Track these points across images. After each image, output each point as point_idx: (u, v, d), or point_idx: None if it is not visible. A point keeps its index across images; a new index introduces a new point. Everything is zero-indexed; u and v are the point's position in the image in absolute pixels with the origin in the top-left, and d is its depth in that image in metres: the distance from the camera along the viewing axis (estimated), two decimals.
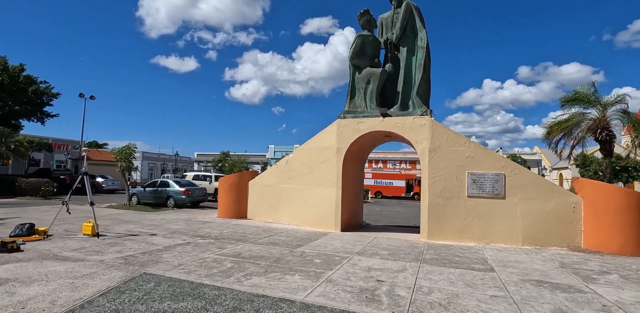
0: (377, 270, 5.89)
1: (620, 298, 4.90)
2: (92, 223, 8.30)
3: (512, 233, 8.83)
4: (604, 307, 4.52)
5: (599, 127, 8.73)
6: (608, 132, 8.66)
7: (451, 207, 9.09)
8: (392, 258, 6.82)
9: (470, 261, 6.88)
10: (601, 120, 8.82)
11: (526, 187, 8.84)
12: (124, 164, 15.77)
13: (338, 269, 5.85)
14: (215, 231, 9.39)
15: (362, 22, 10.78)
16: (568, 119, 9.22)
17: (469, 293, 4.87)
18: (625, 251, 8.05)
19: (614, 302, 4.71)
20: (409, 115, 9.72)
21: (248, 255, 6.71)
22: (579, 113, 9.17)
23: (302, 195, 10.88)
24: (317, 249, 7.47)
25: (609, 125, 8.72)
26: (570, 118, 9.21)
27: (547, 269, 6.42)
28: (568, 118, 9.24)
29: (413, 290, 4.90)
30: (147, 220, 11.30)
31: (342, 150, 10.19)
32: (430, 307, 4.28)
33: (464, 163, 9.11)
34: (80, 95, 29.42)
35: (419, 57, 9.93)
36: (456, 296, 4.71)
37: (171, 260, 6.13)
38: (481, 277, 5.74)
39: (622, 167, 31.24)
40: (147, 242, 7.71)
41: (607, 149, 8.83)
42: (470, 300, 4.59)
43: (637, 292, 5.23)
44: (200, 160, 48.53)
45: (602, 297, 4.93)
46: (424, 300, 4.49)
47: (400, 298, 4.53)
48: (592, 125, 8.77)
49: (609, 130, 8.66)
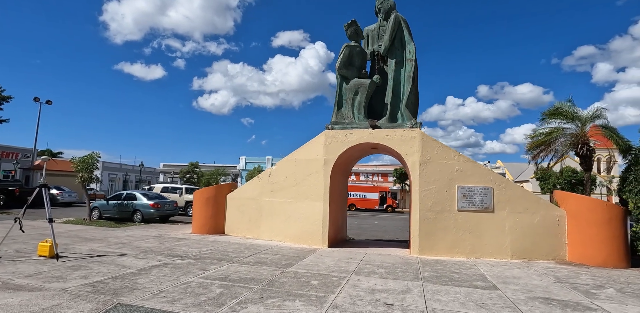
0: (381, 292, 5.47)
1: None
2: (50, 242, 7.26)
3: (502, 248, 8.79)
4: None
5: (580, 142, 9.05)
6: (588, 147, 9.01)
7: (442, 221, 8.94)
8: (392, 277, 6.45)
9: (470, 278, 6.66)
10: (581, 135, 9.17)
11: (514, 201, 8.90)
12: (85, 175, 14.40)
13: (340, 292, 5.37)
14: (193, 249, 8.58)
15: (349, 33, 10.68)
16: (549, 132, 9.54)
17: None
18: (609, 264, 8.22)
19: None
20: (398, 127, 9.60)
21: (236, 277, 6.06)
22: (560, 128, 9.53)
23: (286, 209, 10.32)
24: (310, 268, 6.94)
25: (589, 140, 9.08)
26: (551, 132, 9.53)
27: (546, 285, 6.32)
28: (549, 132, 9.57)
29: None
30: (112, 238, 10.19)
31: (330, 162, 9.83)
32: None
33: (454, 177, 9.05)
34: (36, 99, 27.09)
35: (407, 69, 9.92)
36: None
37: (149, 286, 5.36)
38: (488, 295, 5.50)
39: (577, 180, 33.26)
40: (116, 264, 6.81)
41: (587, 163, 9.18)
42: None
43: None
44: (166, 171, 46.17)
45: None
46: None
47: None
48: (574, 140, 9.09)
49: (589, 145, 9.02)
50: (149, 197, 15.88)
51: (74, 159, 15.15)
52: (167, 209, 15.96)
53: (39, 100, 27.43)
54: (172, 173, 43.16)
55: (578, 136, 9.20)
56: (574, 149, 9.15)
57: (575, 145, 9.12)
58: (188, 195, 19.97)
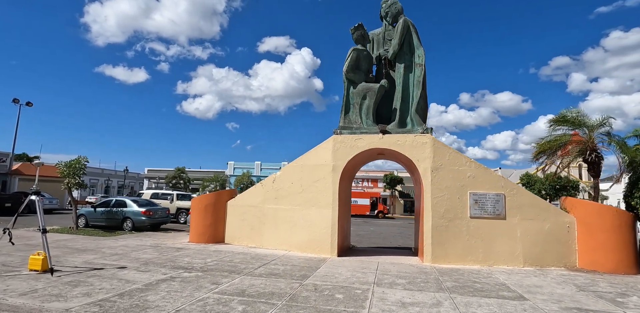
0: (412, 305, 5.19)
1: None
2: (43, 255, 6.65)
3: (514, 255, 8.68)
4: None
5: (588, 148, 9.13)
6: (597, 153, 9.10)
7: (454, 229, 8.78)
8: (416, 289, 6.18)
9: (493, 288, 6.47)
10: (589, 142, 9.26)
11: (525, 207, 8.83)
12: (72, 180, 13.60)
13: (371, 307, 5.06)
14: (197, 260, 8.08)
15: (356, 37, 10.50)
16: (555, 139, 9.61)
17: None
18: (620, 270, 8.22)
19: None
20: (409, 132, 9.44)
21: (254, 292, 5.65)
22: (566, 134, 9.62)
23: (291, 217, 9.94)
24: (328, 280, 6.60)
25: (597, 147, 9.18)
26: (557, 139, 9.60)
27: (571, 294, 6.20)
28: (555, 139, 9.64)
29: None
30: (106, 248, 9.54)
31: (339, 168, 9.55)
32: None
33: (466, 183, 8.93)
34: (15, 100, 25.73)
35: (416, 74, 9.81)
36: None
37: (162, 304, 4.90)
38: (522, 307, 5.30)
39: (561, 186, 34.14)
40: (118, 278, 6.27)
41: (595, 170, 9.26)
42: None
43: None
44: (151, 176, 44.72)
45: None
46: None
47: None
48: (583, 147, 9.16)
49: (597, 152, 9.11)
50: (139, 203, 15.15)
51: (59, 164, 14.31)
52: (159, 217, 15.26)
53: (18, 102, 26.10)
54: (157, 178, 41.81)
55: (586, 143, 9.27)
56: (582, 155, 9.23)
57: (584, 152, 9.19)
58: (179, 201, 19.25)
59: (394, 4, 10.49)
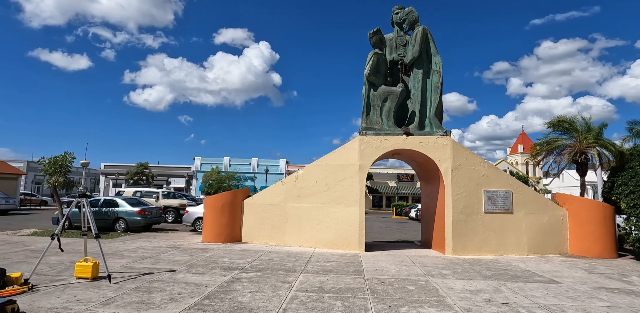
0: (479, 292, 5.84)
1: None
2: (92, 261, 6.33)
3: (520, 245, 9.81)
4: None
5: (578, 151, 10.55)
6: (585, 155, 10.55)
7: (471, 223, 9.68)
8: (466, 278, 6.87)
9: (524, 274, 7.38)
10: (579, 146, 10.69)
11: (528, 203, 9.99)
12: (60, 179, 12.56)
13: (448, 295, 5.61)
14: (238, 261, 8.07)
15: (374, 41, 10.95)
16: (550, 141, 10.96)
17: (593, 306, 5.18)
18: (604, 255, 9.68)
19: None
20: (429, 134, 10.14)
21: (331, 288, 5.93)
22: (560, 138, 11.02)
23: (316, 215, 10.22)
24: (384, 274, 7.05)
25: (585, 150, 10.63)
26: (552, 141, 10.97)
27: (587, 276, 7.29)
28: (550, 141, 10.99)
29: (551, 310, 5.00)
30: (125, 251, 9.09)
31: (365, 167, 10.01)
32: None
33: (481, 182, 9.86)
34: None
35: (434, 80, 10.53)
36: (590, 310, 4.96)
37: (261, 304, 5.00)
38: (564, 289, 6.19)
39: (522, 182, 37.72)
40: (182, 281, 6.17)
41: (582, 170, 10.73)
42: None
43: None
44: (108, 172, 41.58)
45: None
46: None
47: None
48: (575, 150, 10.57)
49: (586, 154, 10.57)
50: (132, 203, 14.37)
51: (42, 161, 13.12)
52: (154, 216, 14.61)
53: None
54: (116, 174, 39.03)
55: (576, 146, 10.69)
56: (574, 156, 10.65)
57: (575, 154, 10.61)
58: (165, 200, 18.44)
59: (411, 12, 11.08)
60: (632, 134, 11.47)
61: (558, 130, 11.14)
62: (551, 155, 11.17)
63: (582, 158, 10.59)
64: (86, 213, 6.39)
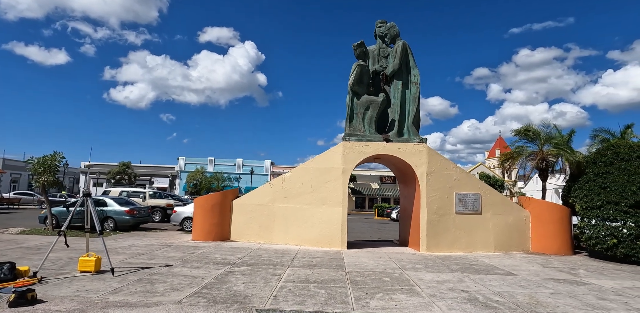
0: (445, 282, 6.66)
1: (613, 286, 6.83)
2: (95, 256, 6.83)
3: (487, 243, 10.78)
4: (613, 291, 6.30)
5: (541, 158, 11.65)
6: (546, 162, 11.66)
7: (444, 223, 10.58)
8: (435, 271, 7.71)
9: (487, 268, 8.29)
10: (540, 153, 11.80)
11: (495, 205, 10.98)
12: (50, 178, 12.79)
13: (417, 285, 6.41)
14: (230, 257, 8.67)
15: (358, 53, 11.77)
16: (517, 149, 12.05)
17: (538, 293, 6.08)
18: (561, 252, 10.77)
19: (614, 289, 6.56)
20: (407, 141, 11.01)
21: (316, 279, 6.64)
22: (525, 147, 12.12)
23: (302, 215, 10.91)
24: (364, 268, 7.81)
25: (546, 157, 11.74)
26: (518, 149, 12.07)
27: (541, 269, 8.26)
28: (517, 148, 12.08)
29: (502, 296, 5.86)
30: (119, 248, 9.52)
31: (348, 171, 10.78)
32: (540, 306, 5.29)
33: (453, 185, 10.79)
34: None
35: (412, 91, 11.41)
36: (535, 295, 5.85)
37: (255, 292, 5.64)
38: (517, 279, 7.10)
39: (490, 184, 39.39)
40: (180, 274, 6.74)
41: (544, 175, 11.84)
42: (548, 298, 5.78)
43: (611, 280, 7.35)
44: (90, 171, 40.99)
45: (603, 286, 6.79)
46: (526, 302, 5.48)
47: (497, 301, 5.42)
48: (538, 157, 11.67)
49: (547, 161, 11.68)
50: (120, 202, 14.68)
51: (31, 160, 13.30)
52: (142, 216, 14.94)
53: None
54: (97, 173, 38.57)
55: (538, 153, 11.80)
56: (535, 163, 11.75)
57: (537, 161, 11.71)
58: (152, 199, 18.72)
59: (393, 27, 11.96)
60: (596, 142, 12.73)
61: (524, 138, 12.24)
62: (517, 162, 12.26)
63: (543, 165, 11.70)
64: (89, 212, 6.87)
